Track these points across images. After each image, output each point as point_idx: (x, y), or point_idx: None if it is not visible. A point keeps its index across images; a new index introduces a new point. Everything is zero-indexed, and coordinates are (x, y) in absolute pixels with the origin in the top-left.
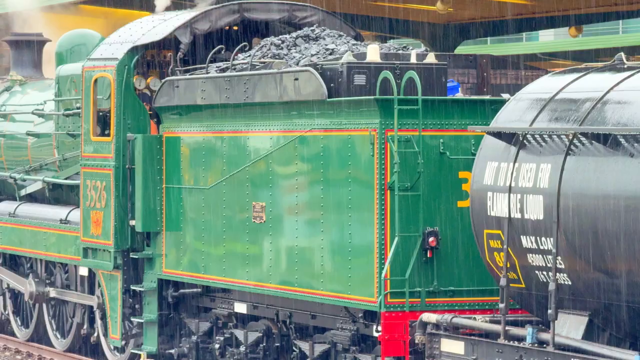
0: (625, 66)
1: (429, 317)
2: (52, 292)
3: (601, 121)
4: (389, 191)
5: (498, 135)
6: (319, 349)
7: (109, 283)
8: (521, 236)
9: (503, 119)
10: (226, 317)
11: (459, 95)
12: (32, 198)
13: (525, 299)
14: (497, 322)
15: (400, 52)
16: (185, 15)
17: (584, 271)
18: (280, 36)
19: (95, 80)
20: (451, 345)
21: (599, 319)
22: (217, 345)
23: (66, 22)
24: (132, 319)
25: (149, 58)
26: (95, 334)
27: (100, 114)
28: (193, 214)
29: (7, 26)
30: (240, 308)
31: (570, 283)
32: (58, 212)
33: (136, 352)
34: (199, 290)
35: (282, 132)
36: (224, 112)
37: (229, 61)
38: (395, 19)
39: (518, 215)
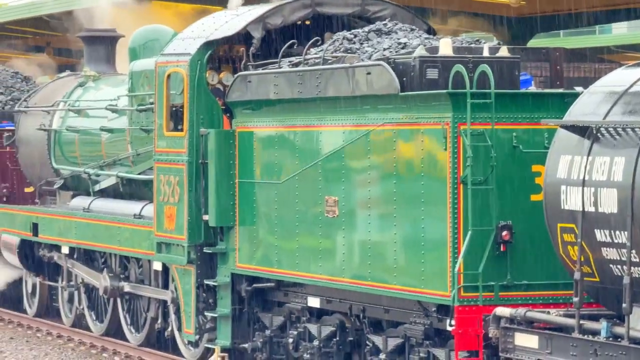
0: None
1: (502, 311)
2: (127, 287)
3: None
4: (461, 185)
5: (571, 128)
6: (393, 343)
7: (183, 278)
8: (595, 230)
9: (576, 112)
10: (299, 312)
11: (532, 88)
12: (105, 193)
13: (599, 293)
14: (572, 316)
15: (473, 45)
16: (257, 10)
17: None
18: (353, 30)
19: (169, 76)
20: (525, 340)
21: None
22: (290, 340)
23: (139, 17)
24: (205, 314)
25: (222, 53)
26: (169, 329)
27: (174, 109)
28: (266, 209)
29: (81, 22)
30: (314, 302)
31: None
32: (132, 207)
33: (210, 346)
34: (272, 284)
35: (354, 126)
36: (296, 107)
37: (301, 56)
38: (468, 12)
39: (592, 209)
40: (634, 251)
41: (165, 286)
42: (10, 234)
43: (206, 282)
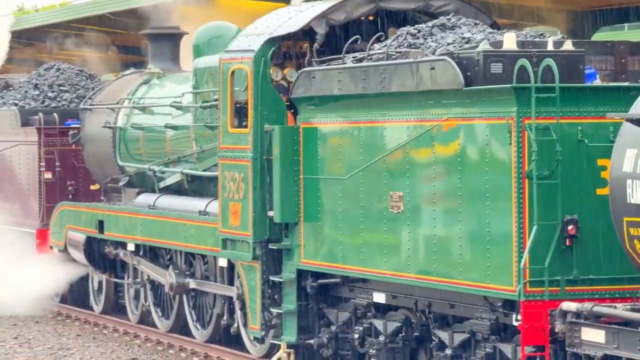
0: None
1: (569, 305)
2: (192, 284)
3: None
4: (527, 179)
5: (637, 122)
6: (459, 338)
7: (248, 274)
8: None
9: None
10: (365, 307)
11: (597, 82)
12: (170, 190)
13: None
14: (638, 311)
15: (537, 39)
16: (320, 7)
17: None
18: (416, 25)
19: (233, 72)
20: (592, 334)
21: None
22: (356, 335)
23: (202, 14)
24: (271, 310)
25: (285, 49)
26: (235, 325)
27: (238, 105)
28: (330, 204)
29: (145, 20)
30: (379, 298)
31: None
32: (197, 203)
33: (276, 342)
34: (338, 280)
35: (418, 121)
36: (360, 102)
37: (365, 51)
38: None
39: None
40: None
41: (231, 282)
42: (77, 232)
43: (271, 278)
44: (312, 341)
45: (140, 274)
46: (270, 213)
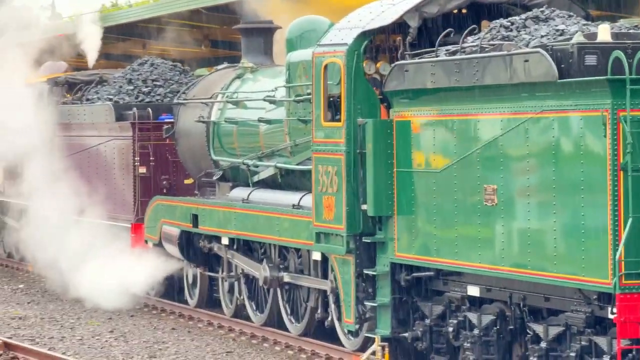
0: None
1: None
2: (286, 277)
3: None
4: (622, 172)
5: None
6: (553, 331)
7: (342, 267)
8: None
9: None
10: (459, 300)
11: None
12: (264, 184)
13: None
14: None
15: (632, 31)
16: (413, 0)
17: None
18: (510, 18)
19: (326, 66)
20: None
21: None
22: (450, 329)
23: (295, 9)
24: (365, 303)
25: (378, 43)
26: (329, 318)
27: (331, 99)
28: (424, 197)
29: (238, 15)
30: (473, 291)
31: None
32: (290, 197)
33: (370, 335)
34: (432, 273)
35: (512, 114)
36: (453, 95)
37: (458, 44)
38: None
39: None
40: None
41: (325, 276)
42: (171, 226)
43: (365, 271)
44: (406, 334)
45: (234, 268)
46: (364, 206)
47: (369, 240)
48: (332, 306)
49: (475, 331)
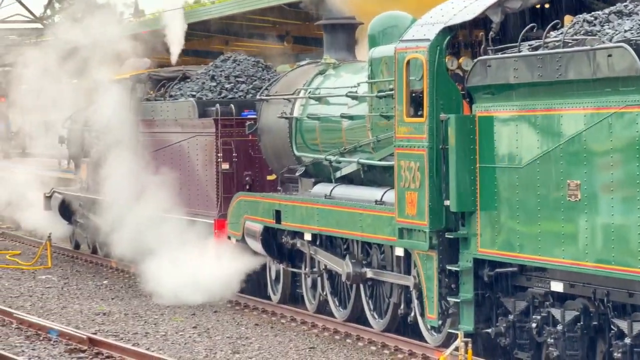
0: None
1: None
2: (369, 273)
3: None
4: None
5: None
6: (638, 327)
7: (425, 263)
8: None
9: None
10: (542, 296)
11: None
12: (347, 180)
13: None
14: None
15: None
16: None
17: None
18: (593, 13)
19: (408, 62)
20: None
21: None
22: (534, 324)
23: (377, 4)
24: (448, 299)
25: (461, 38)
26: (412, 314)
27: (413, 95)
28: (507, 193)
29: (320, 10)
30: (557, 287)
31: None
32: (373, 193)
33: (453, 331)
34: (515, 269)
35: (595, 109)
36: (536, 90)
37: (540, 39)
38: None
39: None
40: None
41: (408, 272)
42: (254, 222)
43: (448, 267)
44: (489, 330)
45: (317, 264)
46: (447, 202)
47: (451, 236)
48: (415, 302)
49: (559, 327)
